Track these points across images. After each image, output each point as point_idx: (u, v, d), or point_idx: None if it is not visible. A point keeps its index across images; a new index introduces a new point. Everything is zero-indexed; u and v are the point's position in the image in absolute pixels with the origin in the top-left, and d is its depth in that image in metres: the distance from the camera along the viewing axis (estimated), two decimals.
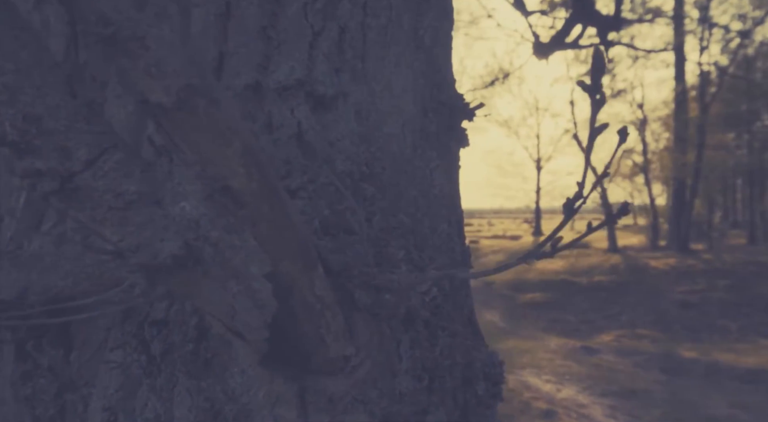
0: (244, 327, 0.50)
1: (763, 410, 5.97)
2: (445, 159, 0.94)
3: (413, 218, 0.82)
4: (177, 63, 0.36)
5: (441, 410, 0.77)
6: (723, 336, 10.72)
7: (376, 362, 0.60)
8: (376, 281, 0.57)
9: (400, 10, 0.83)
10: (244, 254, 0.46)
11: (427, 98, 0.89)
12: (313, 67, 0.74)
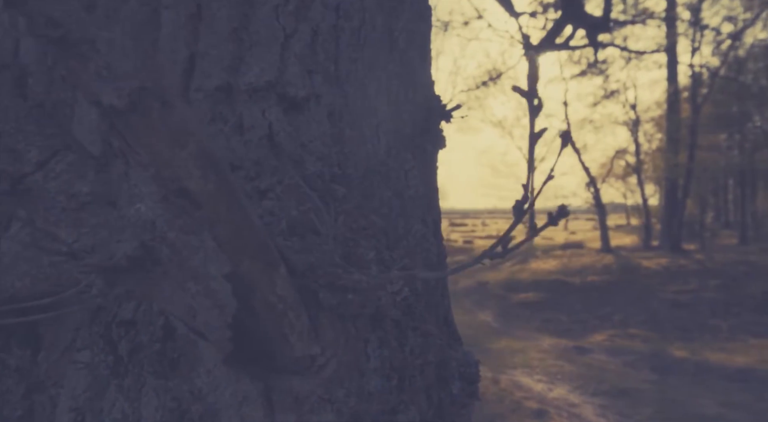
0: (205, 327, 0.50)
1: (751, 409, 6.02)
2: (421, 160, 0.94)
3: (386, 219, 0.83)
4: (129, 66, 0.36)
5: (413, 409, 0.78)
6: (714, 335, 10.79)
7: (342, 361, 0.61)
8: (341, 282, 0.58)
9: (373, 13, 0.84)
10: (203, 255, 0.47)
11: (401, 100, 0.89)
12: (285, 69, 0.74)
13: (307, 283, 0.56)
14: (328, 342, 0.59)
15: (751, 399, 6.40)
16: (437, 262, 0.96)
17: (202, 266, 0.47)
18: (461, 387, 0.96)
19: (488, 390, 6.63)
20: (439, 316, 0.95)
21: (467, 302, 14.49)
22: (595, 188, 20.52)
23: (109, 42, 0.35)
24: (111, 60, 0.35)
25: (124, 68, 0.36)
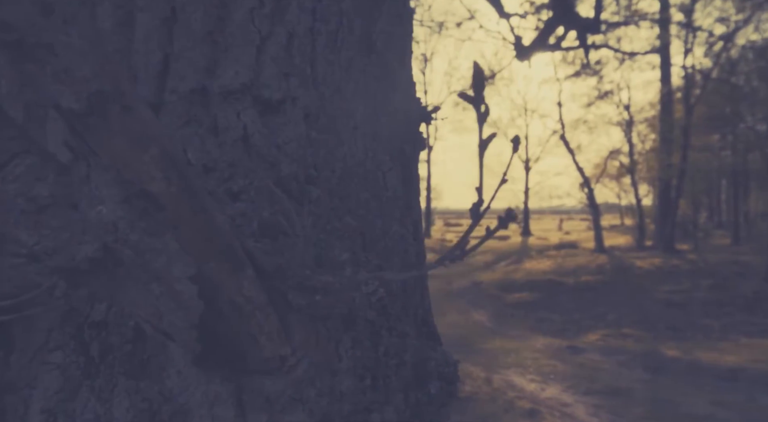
0: (171, 328, 0.51)
1: (742, 408, 6.06)
2: (400, 162, 0.95)
3: (364, 220, 0.83)
4: (87, 69, 0.36)
5: (388, 408, 0.79)
6: (706, 334, 10.85)
7: (313, 362, 0.62)
8: (310, 283, 0.58)
9: (351, 16, 0.84)
10: (166, 257, 0.47)
11: (379, 102, 0.90)
12: (261, 72, 0.75)
13: (277, 284, 0.57)
14: (299, 343, 0.60)
15: (742, 398, 6.45)
16: (416, 263, 0.97)
17: (165, 267, 0.47)
18: (439, 387, 0.97)
19: (481, 389, 6.64)
20: (418, 317, 0.95)
21: (461, 302, 14.51)
22: (588, 189, 20.60)
23: (66, 46, 0.35)
24: (69, 64, 0.36)
25: (82, 72, 0.36)
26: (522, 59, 4.47)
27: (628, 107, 23.09)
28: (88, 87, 0.36)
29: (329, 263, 0.68)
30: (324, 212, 0.73)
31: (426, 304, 1.03)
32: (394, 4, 0.93)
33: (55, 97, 0.36)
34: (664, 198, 19.73)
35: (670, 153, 18.91)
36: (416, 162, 1.04)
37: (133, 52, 0.70)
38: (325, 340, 0.64)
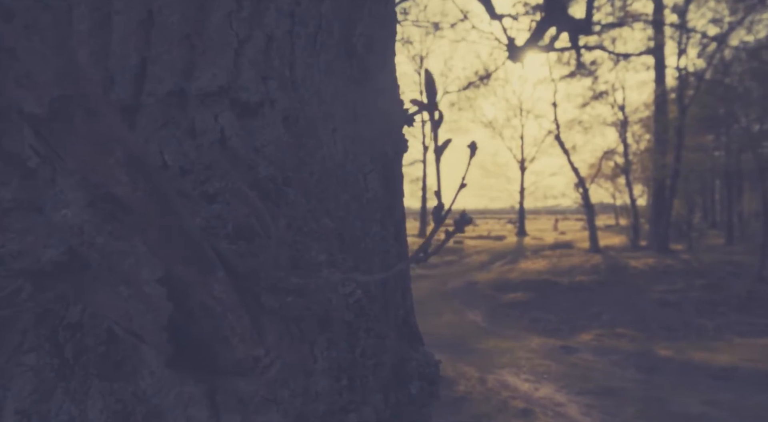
0: (141, 330, 0.51)
1: (733, 407, 6.10)
2: (381, 164, 0.96)
3: (343, 222, 0.84)
4: (49, 74, 0.37)
5: (366, 409, 0.79)
6: (699, 334, 10.91)
7: (287, 362, 0.62)
8: (284, 284, 0.59)
9: (330, 19, 0.85)
10: (134, 260, 0.48)
11: (359, 105, 0.90)
12: (239, 75, 0.75)
13: (250, 286, 0.57)
14: (272, 344, 0.60)
15: (734, 397, 6.49)
16: (396, 264, 0.97)
17: (133, 270, 0.48)
18: (420, 387, 0.97)
19: (475, 389, 6.66)
20: (399, 317, 0.96)
21: (456, 302, 14.53)
22: (583, 189, 20.67)
23: (28, 51, 0.35)
24: (31, 69, 0.36)
25: (44, 77, 0.36)
26: (515, 60, 4.49)
27: (622, 107, 23.19)
28: (50, 92, 0.37)
29: (305, 265, 0.69)
30: (301, 213, 0.73)
31: (408, 305, 1.03)
32: (375, 7, 0.94)
33: (18, 102, 0.37)
34: (659, 198, 19.82)
35: (664, 153, 19.00)
36: (399, 164, 1.05)
37: (110, 54, 0.70)
38: (299, 341, 0.64)
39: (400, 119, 1.05)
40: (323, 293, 0.69)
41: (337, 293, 0.75)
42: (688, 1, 16.84)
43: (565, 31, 3.94)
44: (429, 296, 15.38)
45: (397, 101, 1.05)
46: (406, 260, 1.01)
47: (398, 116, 1.03)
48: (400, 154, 1.05)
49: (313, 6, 0.82)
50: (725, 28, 16.57)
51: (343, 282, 0.76)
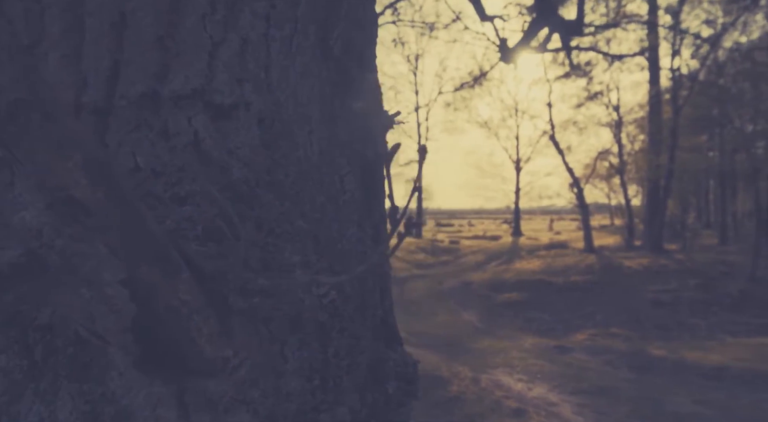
0: (105, 331, 0.52)
1: (724, 406, 6.14)
2: (359, 166, 0.96)
3: (319, 224, 0.84)
4: (4, 79, 0.37)
5: (341, 409, 0.80)
6: (692, 334, 10.98)
7: (256, 363, 0.63)
8: (252, 285, 0.59)
9: (306, 22, 0.86)
10: (95, 262, 0.48)
11: (337, 107, 0.91)
12: (213, 77, 0.76)
13: (218, 287, 0.58)
14: (241, 345, 0.61)
15: (725, 396, 6.53)
16: (374, 267, 0.98)
17: (94, 272, 0.48)
18: (397, 387, 0.98)
19: (469, 389, 6.68)
20: (376, 318, 0.97)
21: (451, 302, 14.57)
22: (578, 189, 20.74)
23: None
24: None
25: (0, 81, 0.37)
26: (507, 61, 4.51)
27: (617, 107, 23.27)
28: (5, 96, 0.37)
29: (277, 266, 0.69)
30: (274, 215, 0.74)
31: (386, 305, 1.04)
32: (353, 10, 0.95)
33: None
34: (653, 198, 19.90)
35: (658, 154, 19.09)
36: (380, 167, 1.05)
37: (82, 56, 0.70)
38: (268, 342, 0.65)
39: (381, 122, 1.06)
40: (295, 294, 0.69)
41: (310, 294, 0.75)
42: (681, 2, 16.92)
43: (556, 33, 3.96)
44: (424, 296, 15.40)
45: (378, 104, 1.06)
46: (374, 261, 1.02)
47: (379, 119, 1.04)
48: (381, 156, 1.06)
49: (289, 9, 0.83)
50: (719, 29, 16.67)
51: (316, 283, 0.76)
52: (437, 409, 6.17)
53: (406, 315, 13.01)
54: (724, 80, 18.59)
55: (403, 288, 16.94)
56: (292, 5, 0.83)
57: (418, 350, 8.73)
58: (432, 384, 6.73)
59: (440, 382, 6.77)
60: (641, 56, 16.98)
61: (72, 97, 0.68)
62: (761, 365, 7.64)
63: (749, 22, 18.12)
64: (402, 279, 18.67)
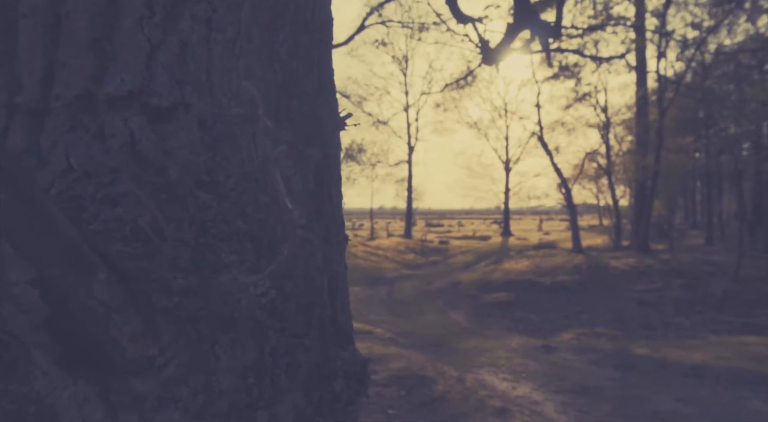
0: (18, 331, 0.52)
1: (704, 404, 6.21)
2: (306, 167, 0.97)
3: (262, 225, 0.85)
4: None
5: (281, 406, 0.81)
6: (677, 332, 11.09)
7: (184, 362, 0.64)
8: (176, 285, 0.60)
9: (249, 25, 0.87)
10: None
11: (282, 109, 0.92)
12: (152, 79, 0.76)
13: (141, 287, 0.59)
14: (167, 344, 0.61)
15: (705, 394, 6.61)
16: (323, 266, 0.99)
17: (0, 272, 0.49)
18: (345, 385, 0.99)
19: (453, 389, 6.70)
20: (324, 317, 0.98)
21: (439, 302, 14.61)
22: (566, 189, 20.87)
23: None
24: None
25: None
26: (489, 63, 4.54)
27: (605, 109, 23.44)
28: None
29: (210, 266, 0.70)
30: (211, 216, 0.75)
31: (339, 304, 1.05)
32: (300, 15, 0.96)
33: None
34: (640, 199, 20.08)
35: (645, 155, 19.26)
36: (332, 168, 1.06)
37: (16, 58, 0.71)
38: (195, 340, 0.66)
39: (332, 124, 1.07)
40: (230, 293, 0.70)
41: (247, 293, 0.76)
42: (666, 5, 17.09)
43: (535, 35, 4.00)
44: (413, 296, 15.43)
45: (329, 106, 1.07)
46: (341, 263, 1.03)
47: (329, 121, 1.05)
48: (332, 158, 1.07)
49: (231, 13, 0.84)
50: (704, 32, 16.86)
51: (255, 283, 0.77)
52: (422, 408, 6.18)
53: (394, 315, 13.03)
54: (709, 82, 18.82)
55: (392, 288, 16.95)
56: (234, 9, 0.84)
57: (404, 350, 8.74)
58: (417, 384, 6.75)
59: (425, 382, 6.79)
60: (623, 58, 17.10)
61: (5, 98, 0.69)
62: (742, 363, 7.74)
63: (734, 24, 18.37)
64: (391, 279, 18.68)
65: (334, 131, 1.08)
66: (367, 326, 10.71)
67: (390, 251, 25.37)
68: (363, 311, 13.34)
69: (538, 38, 4.00)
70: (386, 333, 9.97)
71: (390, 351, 8.16)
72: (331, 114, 1.06)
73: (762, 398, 6.40)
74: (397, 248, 26.39)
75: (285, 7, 0.92)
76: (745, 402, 6.28)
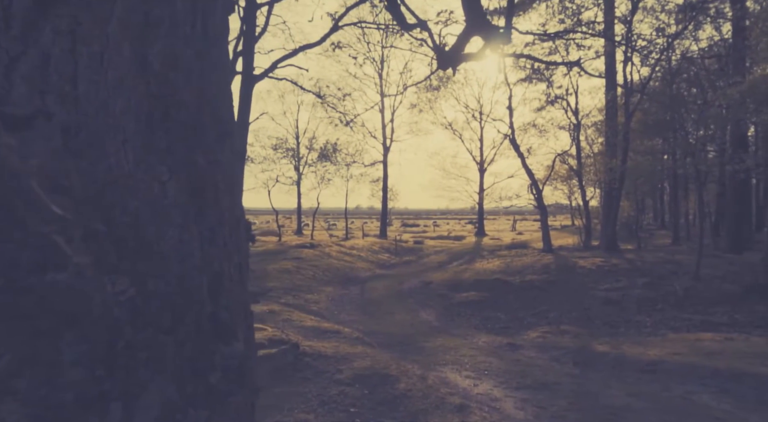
0: None
1: (655, 398, 6.43)
2: (186, 172, 1.03)
3: (130, 228, 0.91)
4: None
5: (145, 397, 0.86)
6: (638, 330, 11.41)
7: (19, 356, 0.69)
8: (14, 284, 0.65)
9: (118, 38, 0.92)
10: None
11: (157, 119, 0.97)
12: (11, 90, 0.81)
13: None
14: (2, 339, 0.67)
15: (657, 389, 6.85)
16: (203, 266, 1.05)
17: None
18: (222, 379, 1.05)
19: (416, 387, 6.79)
20: (203, 314, 1.03)
21: (410, 301, 14.72)
22: (537, 190, 21.22)
23: None
24: None
25: None
26: (444, 68, 4.63)
27: (576, 111, 23.91)
28: None
29: (54, 266, 0.75)
30: (66, 219, 0.80)
31: (224, 302, 1.11)
32: (177, 28, 1.01)
33: None
34: (608, 200, 20.54)
35: (614, 157, 19.72)
36: (216, 173, 1.12)
37: None
38: (33, 336, 0.71)
39: (217, 131, 1.12)
40: (77, 291, 0.75)
41: (103, 291, 0.82)
42: (633, 12, 17.53)
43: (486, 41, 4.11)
44: (384, 296, 15.52)
45: (215, 115, 1.13)
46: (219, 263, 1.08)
47: (213, 129, 1.11)
48: (218, 163, 1.13)
49: (97, 27, 0.89)
50: (669, 38, 17.34)
51: (113, 281, 0.83)
52: (383, 406, 6.26)
53: (364, 315, 13.09)
54: (675, 87, 19.35)
55: (364, 288, 17.01)
56: (101, 23, 0.89)
57: (370, 349, 8.81)
58: (380, 382, 6.82)
59: (388, 380, 6.87)
60: (578, 65, 17.42)
61: None
62: (695, 359, 8.02)
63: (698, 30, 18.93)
64: (364, 279, 18.74)
65: (220, 139, 1.13)
66: (335, 325, 10.75)
67: (364, 251, 25.43)
68: (334, 311, 13.38)
69: (487, 43, 4.10)
70: (354, 333, 10.02)
71: (356, 350, 8.22)
72: (216, 122, 1.12)
73: (710, 392, 6.66)
74: (372, 248, 26.47)
75: (159, 21, 0.97)
76: (694, 397, 6.52)
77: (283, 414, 5.88)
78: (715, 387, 6.85)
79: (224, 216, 1.15)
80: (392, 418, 6.01)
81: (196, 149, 1.06)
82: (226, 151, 1.16)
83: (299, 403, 6.17)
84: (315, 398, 6.35)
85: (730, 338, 9.58)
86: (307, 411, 5.99)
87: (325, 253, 21.96)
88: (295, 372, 7.12)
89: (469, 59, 4.71)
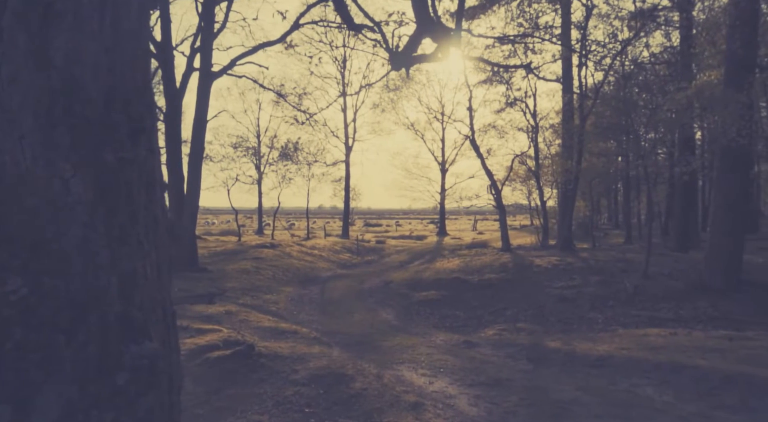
0: None
1: (603, 392, 6.67)
2: (93, 169, 1.01)
3: (27, 225, 0.89)
4: None
5: (39, 399, 0.85)
6: (590, 326, 11.77)
7: None
8: None
9: (15, 31, 0.90)
10: None
11: (58, 114, 0.96)
12: None
13: None
14: None
15: (605, 383, 7.09)
16: (110, 264, 1.03)
17: None
18: (130, 379, 1.04)
19: (371, 385, 6.82)
20: (110, 313, 1.02)
21: (371, 301, 14.75)
22: (496, 190, 21.62)
23: None
24: None
25: None
26: (397, 69, 4.67)
27: (534, 113, 24.48)
28: None
29: None
30: None
31: (137, 301, 1.09)
32: (83, 22, 0.99)
33: None
34: (563, 200, 21.13)
35: (569, 158, 20.30)
36: (128, 171, 1.10)
37: None
38: None
39: (129, 129, 1.11)
40: None
41: None
42: (587, 17, 18.10)
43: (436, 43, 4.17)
44: (344, 296, 15.49)
45: (127, 112, 1.11)
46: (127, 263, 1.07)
47: (124, 126, 1.09)
48: (129, 161, 1.11)
49: None
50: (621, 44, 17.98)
51: (2, 280, 0.81)
52: (338, 406, 6.26)
53: (324, 315, 13.04)
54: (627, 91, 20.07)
55: (325, 288, 16.95)
56: None
57: (327, 349, 8.79)
58: (336, 382, 6.82)
59: (344, 380, 6.86)
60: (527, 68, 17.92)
61: None
62: (641, 353, 8.35)
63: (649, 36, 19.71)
64: (324, 279, 18.65)
65: (133, 136, 1.12)
66: (294, 326, 10.66)
67: (326, 251, 25.30)
68: (293, 312, 13.26)
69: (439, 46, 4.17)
70: (312, 333, 9.97)
71: (313, 351, 8.18)
72: (128, 119, 1.11)
73: (654, 385, 6.94)
74: (333, 248, 26.36)
75: (61, 15, 0.96)
76: (638, 389, 6.79)
77: (236, 416, 5.81)
78: (657, 379, 7.14)
79: (138, 214, 1.14)
80: (347, 417, 6.02)
81: (105, 146, 1.04)
82: (141, 148, 1.15)
83: (253, 404, 6.10)
84: (270, 399, 6.29)
85: (674, 333, 10.02)
86: (261, 412, 5.94)
87: (285, 253, 21.74)
88: (250, 373, 7.03)
89: (422, 61, 4.77)
